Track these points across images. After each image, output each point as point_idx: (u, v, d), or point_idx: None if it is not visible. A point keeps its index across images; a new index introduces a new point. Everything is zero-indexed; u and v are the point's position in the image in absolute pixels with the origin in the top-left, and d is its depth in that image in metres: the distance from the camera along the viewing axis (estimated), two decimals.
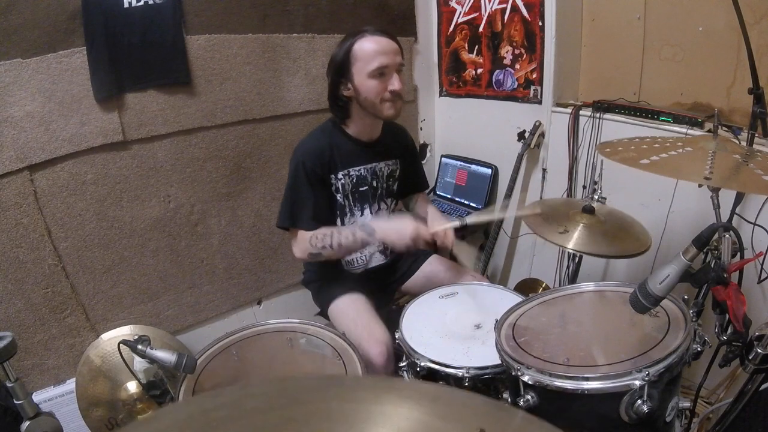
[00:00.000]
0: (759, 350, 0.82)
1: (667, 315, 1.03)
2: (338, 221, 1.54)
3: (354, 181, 1.52)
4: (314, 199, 1.44)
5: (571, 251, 1.38)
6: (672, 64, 1.80)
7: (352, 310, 1.51)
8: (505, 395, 1.04)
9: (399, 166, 1.63)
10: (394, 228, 1.40)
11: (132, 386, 1.61)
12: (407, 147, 1.68)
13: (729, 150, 1.04)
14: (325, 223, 1.48)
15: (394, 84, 1.38)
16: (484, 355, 1.16)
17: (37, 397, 1.62)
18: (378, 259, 1.65)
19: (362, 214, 1.57)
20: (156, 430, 0.39)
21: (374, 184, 1.56)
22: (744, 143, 1.41)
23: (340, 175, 1.49)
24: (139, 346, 1.04)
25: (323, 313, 1.63)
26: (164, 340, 1.84)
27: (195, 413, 0.41)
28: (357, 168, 1.52)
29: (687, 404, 0.99)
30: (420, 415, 0.39)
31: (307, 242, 1.43)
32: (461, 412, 0.41)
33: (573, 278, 1.73)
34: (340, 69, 1.39)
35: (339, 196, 1.51)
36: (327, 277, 1.62)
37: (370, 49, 1.35)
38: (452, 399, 0.44)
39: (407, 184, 1.70)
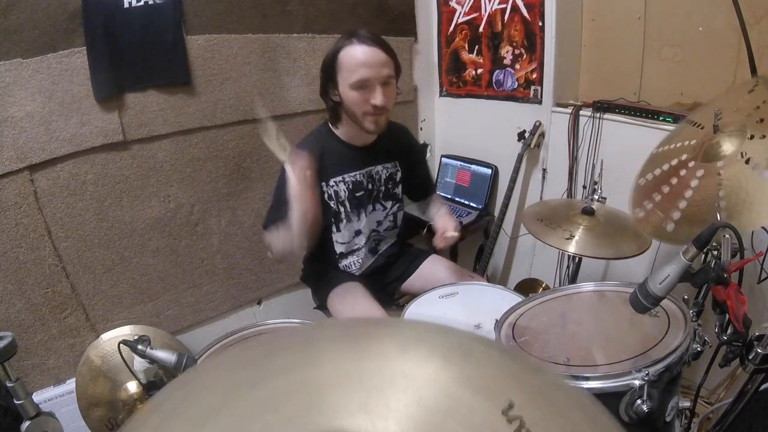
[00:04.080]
0: (759, 350, 0.82)
1: (667, 315, 1.03)
2: (333, 228, 1.52)
3: (350, 187, 1.49)
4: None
5: (572, 254, 1.38)
6: (672, 64, 1.80)
7: (349, 296, 1.52)
8: None
9: (399, 168, 1.60)
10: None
11: (132, 386, 1.61)
12: (409, 148, 1.65)
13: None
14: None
15: (377, 98, 1.31)
16: None
17: (37, 397, 1.62)
18: (369, 259, 1.64)
19: (358, 219, 1.55)
20: (185, 393, 0.38)
21: (369, 186, 1.53)
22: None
23: (332, 182, 1.46)
24: (139, 346, 1.04)
25: (322, 307, 1.64)
26: (164, 340, 1.84)
27: (222, 374, 0.41)
28: (352, 174, 1.49)
29: (687, 404, 0.99)
30: (445, 381, 0.37)
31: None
32: (491, 378, 0.39)
33: (573, 278, 1.73)
34: (327, 74, 1.36)
35: (332, 203, 1.48)
36: (325, 273, 1.62)
37: (353, 59, 1.29)
38: (485, 359, 0.41)
39: (416, 186, 1.68)
